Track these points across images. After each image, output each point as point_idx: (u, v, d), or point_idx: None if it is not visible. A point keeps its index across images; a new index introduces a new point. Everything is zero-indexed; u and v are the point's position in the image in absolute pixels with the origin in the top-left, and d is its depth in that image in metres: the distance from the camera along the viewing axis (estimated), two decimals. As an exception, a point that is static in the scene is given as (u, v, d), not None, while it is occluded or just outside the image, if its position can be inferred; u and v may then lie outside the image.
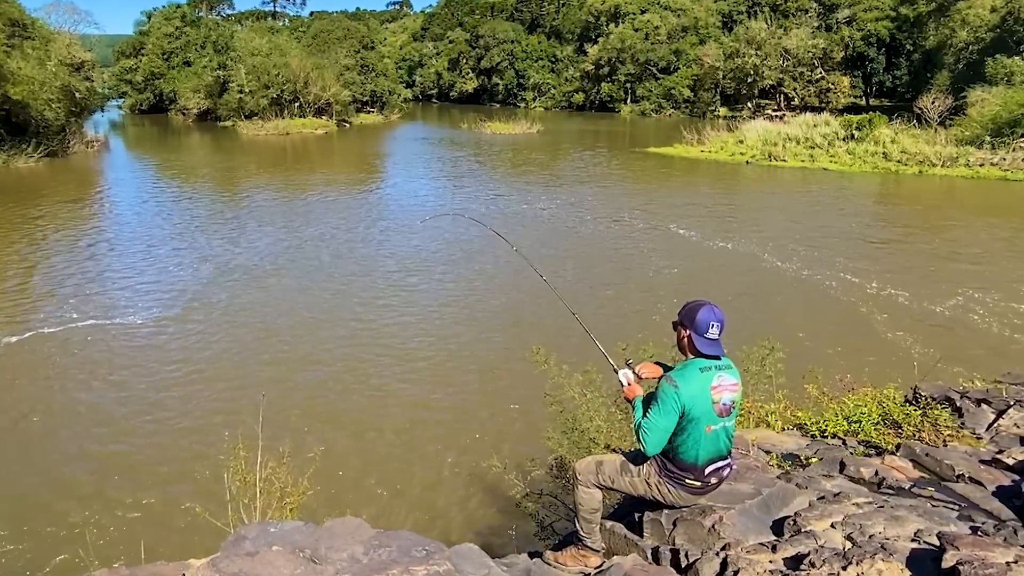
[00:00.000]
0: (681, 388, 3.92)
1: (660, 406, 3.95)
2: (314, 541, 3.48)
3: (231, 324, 16.69)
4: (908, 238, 24.90)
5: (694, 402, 3.94)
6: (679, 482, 4.13)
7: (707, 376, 3.99)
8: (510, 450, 10.37)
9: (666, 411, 3.94)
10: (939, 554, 3.28)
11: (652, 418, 3.97)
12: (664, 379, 4.02)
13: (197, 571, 3.24)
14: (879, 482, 4.83)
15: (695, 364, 4.02)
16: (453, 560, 3.51)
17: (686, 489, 4.14)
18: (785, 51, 74.84)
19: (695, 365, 4.01)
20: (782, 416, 6.45)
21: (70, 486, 10.27)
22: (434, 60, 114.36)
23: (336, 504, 8.69)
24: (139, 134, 70.05)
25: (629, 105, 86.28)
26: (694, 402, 3.94)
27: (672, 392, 3.93)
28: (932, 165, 38.33)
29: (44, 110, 45.23)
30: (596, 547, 4.32)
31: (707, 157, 45.75)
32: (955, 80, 52.22)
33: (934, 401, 6.01)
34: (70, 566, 7.89)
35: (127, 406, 12.71)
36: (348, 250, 23.33)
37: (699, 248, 23.14)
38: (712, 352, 4.02)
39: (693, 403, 3.93)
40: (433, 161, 47.76)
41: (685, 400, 3.92)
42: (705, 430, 4.00)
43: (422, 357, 14.85)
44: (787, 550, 3.74)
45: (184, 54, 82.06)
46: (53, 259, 22.24)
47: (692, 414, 3.95)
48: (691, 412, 3.94)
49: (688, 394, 3.92)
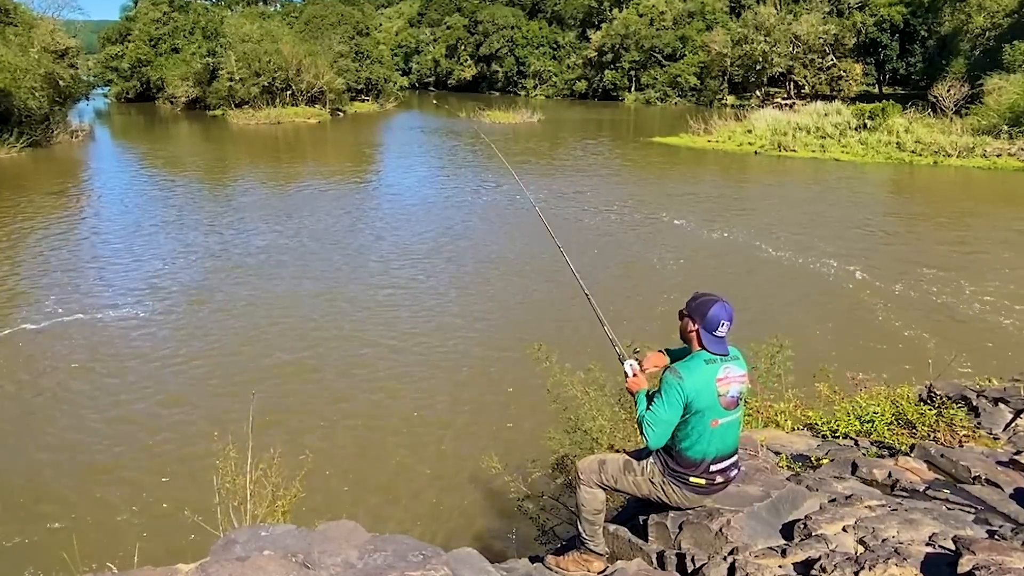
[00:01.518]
0: (685, 379, 3.91)
1: (664, 398, 3.94)
2: (307, 545, 3.47)
3: (219, 319, 16.69)
4: (922, 231, 24.87)
5: (699, 394, 3.92)
6: (683, 481, 4.12)
7: (713, 368, 3.98)
8: (510, 450, 10.36)
9: (670, 403, 3.93)
10: (955, 559, 3.27)
11: (655, 410, 3.96)
12: (668, 370, 4.02)
13: (185, 576, 3.24)
14: (892, 484, 4.83)
15: (700, 356, 4.01)
16: (451, 565, 3.50)
17: (691, 488, 4.13)
18: (795, 37, 74.66)
19: (700, 357, 4.00)
20: (792, 416, 6.45)
21: (54, 488, 10.27)
22: (431, 47, 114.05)
23: (330, 507, 8.69)
24: (125, 123, 69.97)
25: (633, 93, 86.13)
26: (699, 394, 3.92)
27: (676, 383, 3.91)
28: (947, 156, 38.26)
29: (27, 99, 45.09)
30: (599, 551, 4.31)
31: (714, 147, 45.68)
32: (971, 67, 52.13)
33: (949, 400, 6.00)
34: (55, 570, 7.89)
35: (112, 406, 12.71)
36: (339, 244, 23.30)
37: (701, 240, 23.12)
38: (719, 351, 4.00)
39: (698, 395, 3.92)
40: (430, 152, 47.73)
41: (689, 392, 3.91)
42: (711, 424, 3.99)
43: (418, 354, 14.85)
44: (797, 555, 3.74)
45: (172, 40, 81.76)
46: (35, 253, 22.22)
47: (696, 406, 3.94)
48: (695, 404, 3.93)
49: (692, 386, 3.91)
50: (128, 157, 45.92)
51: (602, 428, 7.32)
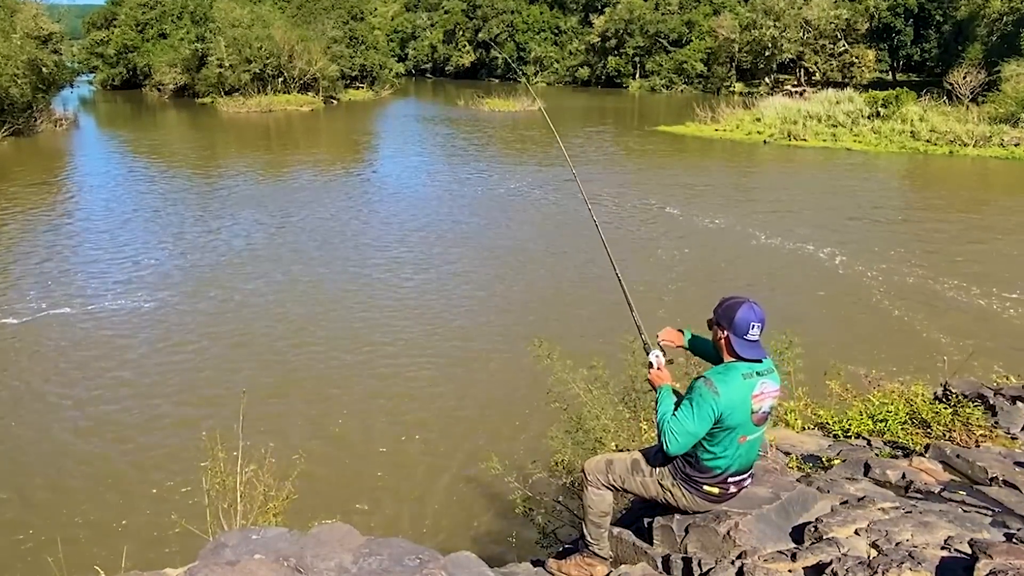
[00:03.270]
0: (722, 396, 3.79)
1: (695, 410, 3.82)
2: (299, 549, 3.46)
3: (207, 315, 16.68)
4: (936, 223, 24.83)
5: (733, 412, 3.83)
6: (697, 488, 4.05)
7: (750, 383, 3.88)
8: (511, 451, 10.36)
9: (701, 417, 3.81)
10: (971, 563, 3.26)
11: (682, 420, 3.84)
12: (703, 380, 3.88)
13: (173, 581, 3.23)
14: (906, 485, 4.82)
15: (738, 369, 3.89)
16: (448, 569, 3.50)
17: (703, 496, 4.07)
18: (806, 22, 74.48)
19: (738, 370, 3.89)
20: (802, 415, 6.43)
21: (37, 491, 10.27)
22: (428, 32, 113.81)
23: (323, 509, 8.68)
24: (111, 111, 69.88)
25: (638, 80, 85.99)
26: (733, 412, 3.83)
27: (711, 399, 3.79)
28: (963, 145, 38.21)
29: (9, 86, 45.03)
30: (604, 555, 4.28)
31: (721, 136, 45.64)
32: (988, 53, 52.06)
33: (965, 399, 5.98)
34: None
35: (97, 403, 12.71)
36: (331, 237, 23.29)
37: (706, 233, 23.10)
38: (752, 355, 3.89)
39: (732, 412, 3.83)
40: (427, 141, 47.67)
41: (724, 409, 3.80)
42: (739, 440, 3.93)
43: (414, 351, 14.84)
44: (808, 559, 3.73)
45: (159, 25, 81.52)
46: (17, 245, 22.20)
47: (728, 423, 3.85)
48: (727, 421, 3.84)
49: (728, 403, 3.81)
50: (114, 146, 45.86)
51: (605, 427, 7.31)
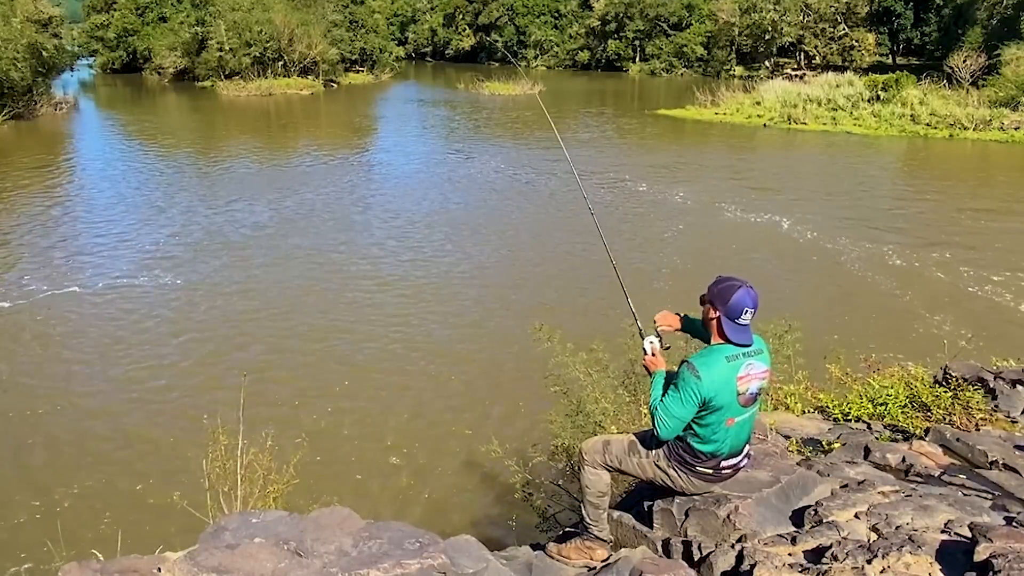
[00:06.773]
0: (704, 379, 3.82)
1: (680, 394, 3.87)
2: (299, 533, 3.45)
3: (209, 297, 16.62)
4: (936, 206, 24.77)
5: (717, 393, 3.85)
6: (691, 469, 4.09)
7: (734, 365, 3.90)
8: (513, 435, 10.36)
9: (685, 400, 3.86)
10: (971, 547, 3.25)
11: (669, 404, 3.90)
12: (685, 365, 3.91)
13: (173, 565, 3.22)
14: (906, 469, 4.81)
15: (721, 352, 3.92)
16: (448, 553, 3.49)
17: (698, 476, 4.11)
18: (806, 5, 74.02)
19: (721, 352, 3.92)
20: (802, 398, 6.43)
21: (36, 472, 10.26)
22: (428, 15, 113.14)
23: (323, 493, 8.67)
24: (111, 95, 69.54)
25: (638, 64, 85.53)
26: (717, 393, 3.85)
27: (693, 382, 3.83)
28: (963, 128, 38.08)
29: (9, 70, 44.74)
30: (604, 537, 4.30)
31: (721, 120, 45.43)
32: (988, 37, 51.74)
33: (966, 382, 5.97)
34: (38, 558, 7.91)
35: (96, 386, 12.70)
36: (334, 219, 23.23)
37: (707, 216, 23.05)
38: (741, 340, 3.92)
39: (716, 394, 3.85)
40: (427, 124, 47.52)
41: (707, 392, 3.83)
42: (727, 423, 3.95)
43: (416, 335, 14.83)
44: (808, 542, 3.72)
45: (160, 9, 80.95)
46: (16, 228, 22.12)
47: (713, 405, 3.88)
48: (712, 403, 3.87)
49: (711, 385, 3.83)
50: (114, 130, 45.67)
51: (605, 411, 7.30)
